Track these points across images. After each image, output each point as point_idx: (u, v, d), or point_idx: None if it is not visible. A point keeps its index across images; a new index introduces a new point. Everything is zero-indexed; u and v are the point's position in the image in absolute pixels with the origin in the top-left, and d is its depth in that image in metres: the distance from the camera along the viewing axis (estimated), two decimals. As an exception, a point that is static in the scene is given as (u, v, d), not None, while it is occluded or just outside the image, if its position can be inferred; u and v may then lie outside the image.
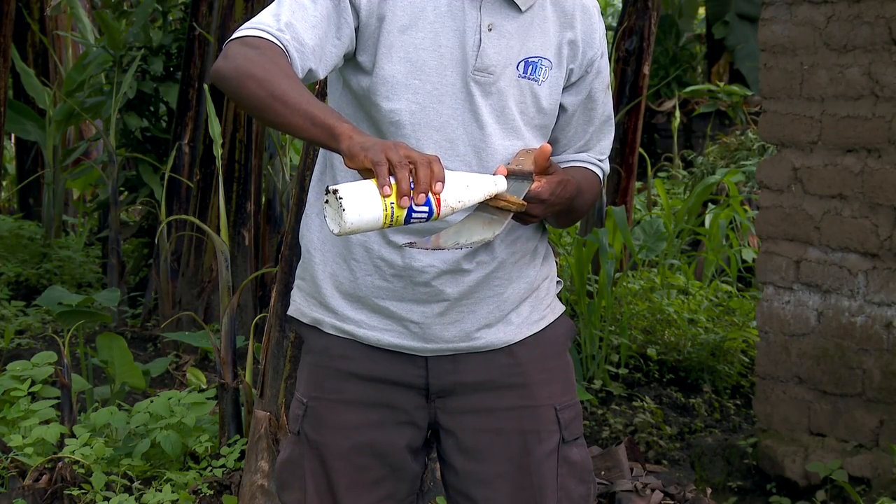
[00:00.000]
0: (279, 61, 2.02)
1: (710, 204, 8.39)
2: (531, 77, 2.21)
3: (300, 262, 2.36)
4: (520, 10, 2.19)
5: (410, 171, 1.88)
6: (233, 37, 2.09)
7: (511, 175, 2.10)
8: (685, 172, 11.04)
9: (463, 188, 1.98)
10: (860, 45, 4.30)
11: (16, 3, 8.07)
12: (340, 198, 1.87)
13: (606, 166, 2.38)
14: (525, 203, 2.09)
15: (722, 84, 12.90)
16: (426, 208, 1.91)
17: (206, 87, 5.54)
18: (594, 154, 2.36)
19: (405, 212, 1.90)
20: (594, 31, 2.28)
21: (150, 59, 7.35)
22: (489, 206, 2.07)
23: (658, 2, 7.46)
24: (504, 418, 2.28)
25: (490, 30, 2.17)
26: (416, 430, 2.30)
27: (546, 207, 2.13)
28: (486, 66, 2.17)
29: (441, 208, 1.93)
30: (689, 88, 13.16)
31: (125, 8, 8.08)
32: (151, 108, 7.63)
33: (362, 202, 1.87)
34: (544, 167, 2.11)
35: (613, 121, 2.38)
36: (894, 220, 4.22)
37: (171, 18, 7.86)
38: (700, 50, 15.67)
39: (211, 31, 6.52)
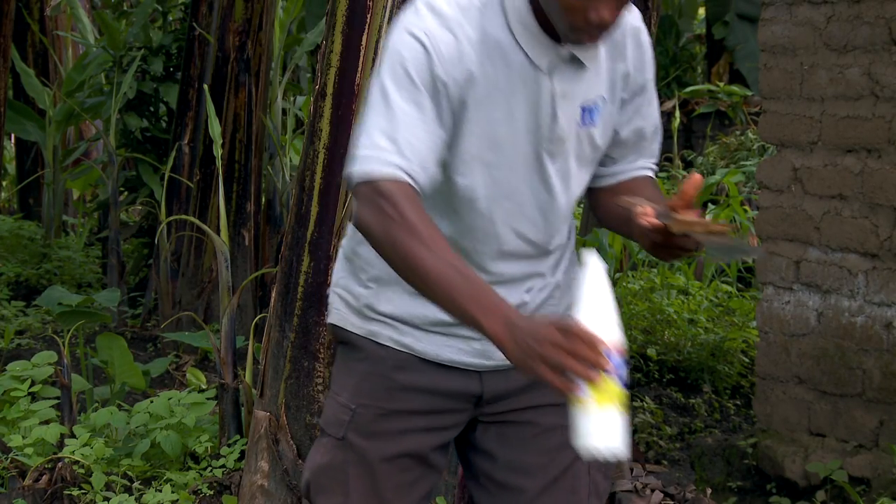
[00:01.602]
0: (417, 224, 2.01)
1: (710, 204, 8.40)
2: (589, 123, 2.23)
3: (348, 273, 2.35)
4: (585, 66, 2.19)
5: (578, 358, 1.86)
6: (360, 172, 2.06)
7: (659, 215, 2.09)
8: (685, 172, 11.04)
9: (608, 321, 1.95)
10: (860, 45, 4.30)
11: (16, 3, 8.07)
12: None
13: (655, 165, 2.42)
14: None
15: (722, 84, 12.89)
16: (614, 364, 1.89)
17: (205, 87, 5.54)
18: (649, 159, 2.38)
19: (612, 382, 1.89)
20: (644, 56, 2.29)
21: (150, 59, 7.35)
22: (712, 237, 2.06)
23: (658, 2, 7.46)
24: (548, 413, 2.32)
25: (562, 97, 2.17)
26: (457, 429, 2.36)
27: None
28: (559, 136, 2.19)
29: (614, 349, 1.91)
30: (689, 88, 13.16)
31: (125, 8, 8.09)
32: (151, 109, 7.63)
33: (606, 422, 1.89)
34: (693, 198, 2.09)
35: (660, 126, 2.40)
36: (894, 220, 4.22)
37: (171, 18, 7.87)
38: (700, 50, 15.67)
39: (211, 31, 6.53)
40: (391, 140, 2.06)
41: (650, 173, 2.38)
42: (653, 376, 6.04)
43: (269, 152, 7.19)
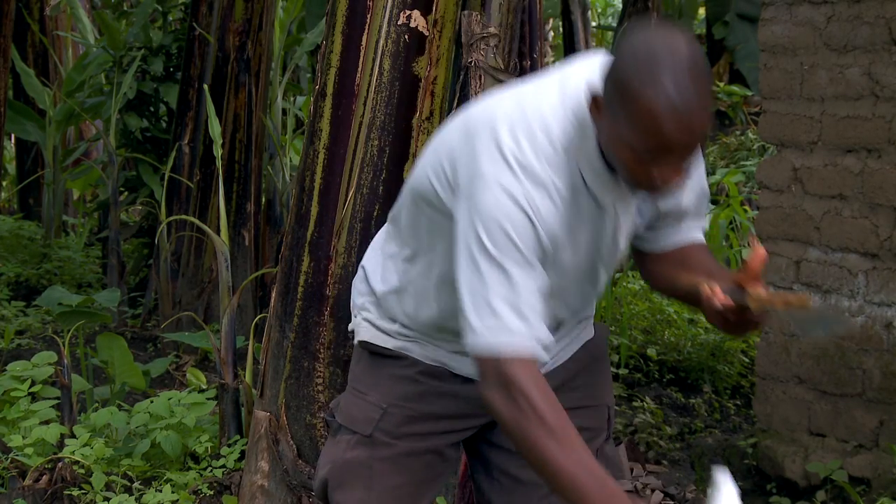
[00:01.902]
0: (548, 417, 2.06)
1: (710, 204, 8.38)
2: (637, 220, 2.30)
3: (376, 308, 2.41)
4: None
5: None
6: (486, 348, 2.09)
7: (729, 293, 2.11)
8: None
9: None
10: (860, 45, 4.29)
11: (16, 3, 8.07)
12: None
13: (704, 219, 2.43)
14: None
15: (722, 84, 12.89)
16: None
17: (205, 87, 5.54)
18: (696, 223, 2.39)
19: None
20: (696, 184, 2.34)
21: (150, 60, 7.35)
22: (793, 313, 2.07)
23: (658, 2, 7.46)
24: (570, 416, 2.37)
25: (622, 222, 2.23)
26: (473, 430, 2.45)
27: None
28: (617, 255, 2.27)
29: None
30: (689, 89, 13.13)
31: (125, 8, 8.08)
32: (151, 109, 7.63)
33: None
34: (760, 272, 2.11)
35: (707, 188, 2.40)
36: (894, 220, 4.22)
37: (171, 18, 7.86)
38: (700, 50, 15.64)
39: (211, 31, 6.53)
40: (514, 309, 2.08)
41: (699, 237, 2.39)
42: (653, 376, 6.04)
43: (269, 152, 7.19)
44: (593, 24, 15.30)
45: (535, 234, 2.09)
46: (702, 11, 15.84)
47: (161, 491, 3.82)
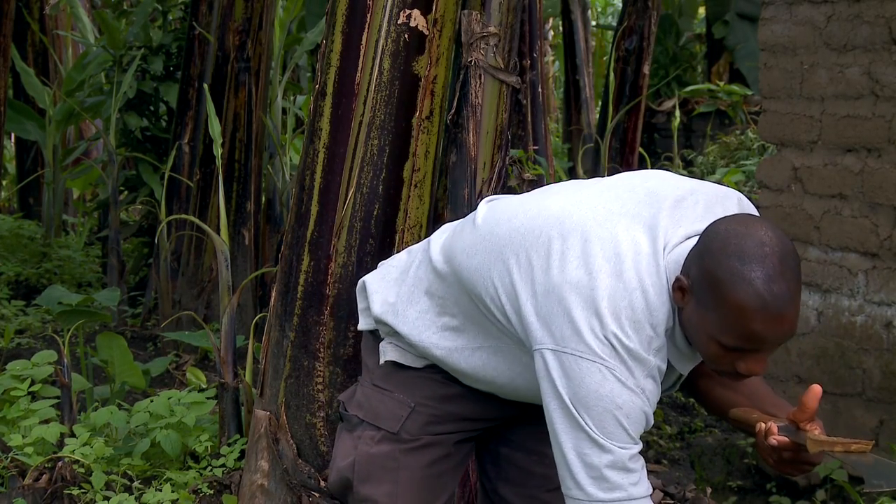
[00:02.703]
0: None
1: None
2: None
3: (400, 344, 2.48)
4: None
5: None
6: None
7: (784, 431, 2.11)
8: (685, 172, 11.04)
9: None
10: (860, 44, 4.29)
11: (16, 2, 8.07)
12: None
13: None
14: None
15: (722, 84, 12.89)
16: None
17: (205, 86, 5.54)
18: None
19: None
20: None
21: (150, 59, 7.35)
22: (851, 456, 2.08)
23: (658, 1, 7.46)
24: None
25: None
26: (493, 425, 2.53)
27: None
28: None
29: None
30: (689, 88, 13.16)
31: (125, 8, 8.08)
32: (151, 108, 7.63)
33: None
34: (815, 411, 2.11)
35: None
36: (894, 219, 4.22)
37: (171, 18, 7.86)
38: (700, 49, 15.65)
39: (211, 31, 6.53)
40: (622, 470, 2.13)
41: None
42: (653, 376, 6.04)
43: (269, 152, 7.18)
44: (593, 23, 15.30)
45: (646, 418, 2.13)
46: (702, 11, 15.83)
47: (161, 490, 3.82)
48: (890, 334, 4.24)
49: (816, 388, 2.05)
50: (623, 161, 7.45)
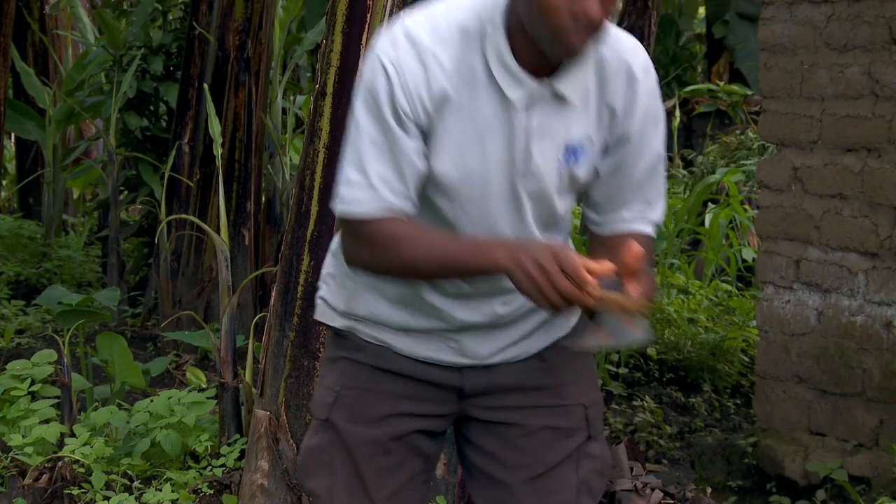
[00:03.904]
0: (397, 239, 2.12)
1: (710, 203, 8.39)
2: (573, 165, 2.20)
3: (333, 278, 2.39)
4: (567, 101, 2.16)
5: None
6: (340, 209, 2.16)
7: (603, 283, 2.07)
8: (685, 172, 11.03)
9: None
10: (860, 44, 4.29)
11: (16, 2, 8.07)
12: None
13: (657, 212, 2.30)
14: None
15: (722, 83, 12.89)
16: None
17: (205, 86, 5.54)
18: (639, 206, 2.29)
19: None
20: (635, 97, 2.20)
21: (150, 59, 7.35)
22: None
23: (658, 1, 7.46)
24: (534, 415, 2.34)
25: (536, 132, 2.15)
26: (444, 419, 2.37)
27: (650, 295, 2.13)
28: (531, 171, 2.17)
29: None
30: (689, 88, 13.15)
31: (125, 7, 8.08)
32: (151, 108, 7.63)
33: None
34: (637, 268, 2.05)
35: (661, 166, 2.29)
36: (894, 219, 4.22)
37: (171, 18, 7.86)
38: (700, 49, 15.67)
39: (211, 31, 6.53)
40: (361, 174, 2.13)
41: (643, 228, 2.28)
42: (653, 375, 6.04)
43: (269, 151, 7.19)
44: (593, 23, 15.25)
45: (393, 95, 2.10)
46: (702, 10, 15.84)
47: (161, 490, 3.82)
48: (890, 334, 4.24)
49: (635, 247, 2.04)
50: (623, 161, 7.44)
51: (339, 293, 2.36)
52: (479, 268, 2.07)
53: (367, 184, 2.12)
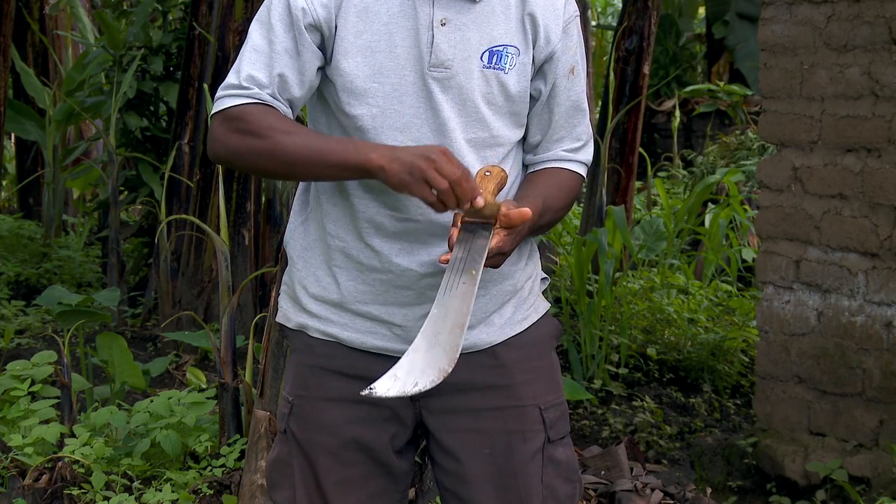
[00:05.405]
0: (267, 124, 2.12)
1: (710, 203, 8.40)
2: (497, 66, 2.19)
3: (286, 270, 2.37)
4: (474, 0, 2.19)
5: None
6: (213, 111, 2.19)
7: (466, 225, 2.07)
8: (685, 172, 11.05)
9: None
10: (860, 44, 4.30)
11: (16, 2, 8.07)
12: None
13: (586, 154, 2.33)
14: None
15: (722, 84, 12.90)
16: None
17: (205, 86, 5.54)
18: (567, 144, 2.31)
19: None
20: (556, 17, 2.25)
21: (150, 59, 7.35)
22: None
23: (658, 1, 7.46)
24: (488, 418, 2.27)
25: (443, 24, 2.16)
26: (402, 427, 2.29)
27: (507, 255, 2.13)
28: (441, 61, 2.16)
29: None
30: (689, 88, 13.17)
31: (125, 8, 8.08)
32: (151, 108, 7.63)
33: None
34: (516, 226, 2.08)
35: (585, 106, 2.33)
36: (894, 219, 4.22)
37: (171, 18, 7.86)
38: (700, 49, 15.67)
39: (211, 31, 6.53)
40: (236, 75, 2.17)
41: (571, 166, 2.31)
42: (653, 376, 6.05)
43: (269, 151, 7.18)
44: (593, 23, 15.30)
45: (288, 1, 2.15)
46: (702, 11, 15.84)
47: (161, 490, 3.82)
48: (890, 334, 4.25)
49: (525, 211, 2.07)
50: (623, 161, 7.45)
51: (291, 286, 2.33)
52: (349, 164, 2.06)
53: (239, 84, 2.16)
